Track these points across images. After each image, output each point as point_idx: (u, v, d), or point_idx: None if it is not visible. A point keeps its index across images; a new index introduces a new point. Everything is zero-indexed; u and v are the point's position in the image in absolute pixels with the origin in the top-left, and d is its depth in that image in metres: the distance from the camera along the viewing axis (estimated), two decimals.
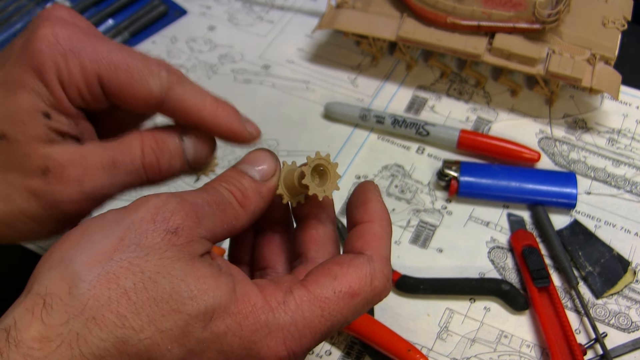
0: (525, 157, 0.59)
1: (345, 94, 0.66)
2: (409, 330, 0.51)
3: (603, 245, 0.55)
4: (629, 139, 0.62)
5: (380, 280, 0.32)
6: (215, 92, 0.68)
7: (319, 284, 0.31)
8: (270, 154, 0.35)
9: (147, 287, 0.28)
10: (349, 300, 0.31)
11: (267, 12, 0.74)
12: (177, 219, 0.29)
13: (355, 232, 0.34)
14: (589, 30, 0.61)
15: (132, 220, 0.29)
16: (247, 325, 0.29)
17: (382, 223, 0.34)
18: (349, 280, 0.31)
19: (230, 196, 0.33)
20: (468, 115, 0.64)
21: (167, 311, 0.28)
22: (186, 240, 0.29)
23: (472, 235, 0.56)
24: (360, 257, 0.32)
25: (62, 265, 0.28)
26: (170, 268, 0.28)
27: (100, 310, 0.27)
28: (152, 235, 0.29)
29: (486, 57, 0.61)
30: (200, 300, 0.28)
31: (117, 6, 0.73)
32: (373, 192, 0.35)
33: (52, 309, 0.27)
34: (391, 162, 0.61)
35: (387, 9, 0.65)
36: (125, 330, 0.27)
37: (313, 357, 0.50)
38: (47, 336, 0.26)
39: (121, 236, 0.29)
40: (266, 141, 0.63)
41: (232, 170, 0.34)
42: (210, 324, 0.28)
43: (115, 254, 0.28)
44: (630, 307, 0.52)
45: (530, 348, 0.51)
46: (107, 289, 0.27)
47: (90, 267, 0.28)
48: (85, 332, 0.27)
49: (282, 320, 0.29)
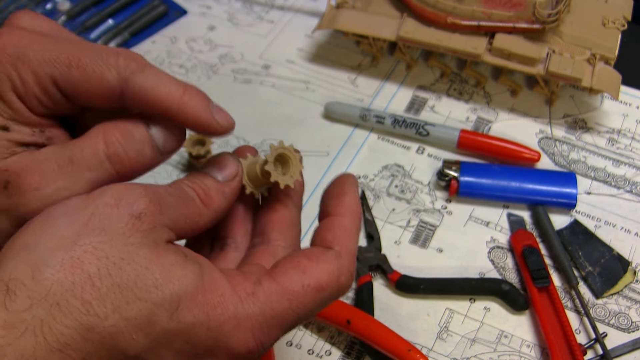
0: (525, 157, 0.59)
1: (345, 94, 0.66)
2: (409, 330, 0.51)
3: (603, 245, 0.55)
4: (629, 139, 0.62)
5: (346, 277, 0.32)
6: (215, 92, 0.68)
7: (287, 276, 0.31)
8: (232, 156, 0.35)
9: (111, 273, 0.27)
10: (316, 294, 0.31)
11: (267, 12, 0.74)
12: (140, 203, 0.29)
13: (326, 224, 0.34)
14: (589, 30, 0.61)
15: (96, 205, 0.29)
16: (215, 316, 0.29)
17: (354, 218, 0.34)
18: (317, 275, 0.31)
19: (194, 193, 0.33)
20: (468, 115, 0.64)
21: (132, 299, 0.27)
22: (149, 226, 0.29)
23: (472, 235, 0.56)
24: (329, 252, 0.32)
25: (26, 251, 0.28)
26: (134, 254, 0.28)
27: (64, 296, 0.27)
28: (116, 220, 0.28)
29: (486, 57, 0.61)
30: (165, 288, 0.28)
31: (117, 6, 0.73)
32: (351, 185, 0.35)
33: (16, 294, 0.26)
34: (391, 162, 0.61)
35: (387, 9, 0.65)
36: (90, 318, 0.27)
37: (313, 357, 0.50)
38: (11, 323, 0.26)
39: (85, 221, 0.28)
40: (266, 141, 0.63)
41: (195, 171, 0.34)
42: (177, 313, 0.28)
43: (79, 238, 0.28)
44: (630, 307, 0.52)
45: (530, 348, 0.51)
46: (71, 274, 0.27)
47: (54, 252, 0.27)
48: (49, 318, 0.26)
49: (250, 312, 0.29)
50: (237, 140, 0.63)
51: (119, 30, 0.71)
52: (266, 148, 0.62)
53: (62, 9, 0.73)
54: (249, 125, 0.64)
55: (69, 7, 0.73)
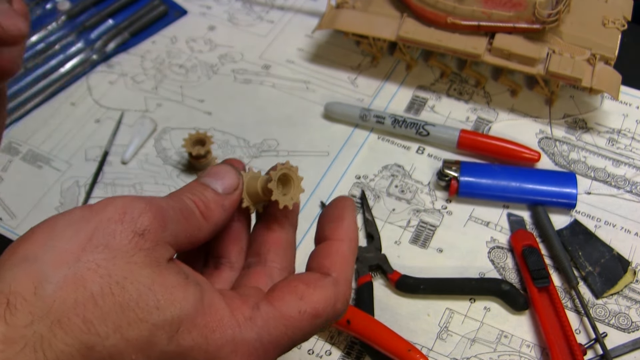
0: (525, 157, 0.59)
1: (345, 94, 0.66)
2: (409, 330, 0.51)
3: (603, 245, 0.55)
4: (629, 139, 0.62)
5: (342, 303, 0.32)
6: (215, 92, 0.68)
7: (285, 301, 0.31)
8: (233, 168, 0.35)
9: (114, 292, 0.27)
10: (312, 320, 0.31)
11: (267, 12, 0.74)
12: (144, 220, 0.29)
13: (323, 249, 0.34)
14: (589, 30, 0.61)
15: (100, 219, 0.28)
16: (214, 340, 0.29)
17: (351, 244, 0.34)
18: (314, 301, 0.31)
19: (194, 206, 0.32)
20: (468, 115, 0.64)
21: (133, 319, 0.27)
22: (152, 245, 0.29)
23: (472, 235, 0.56)
24: (326, 278, 0.32)
25: (27, 263, 0.27)
26: (137, 274, 0.28)
27: (66, 314, 0.26)
28: (119, 237, 0.28)
29: (486, 57, 0.61)
30: (167, 310, 0.28)
31: (117, 6, 0.73)
32: (350, 210, 0.35)
33: (16, 309, 0.26)
34: (391, 162, 0.61)
35: (387, 9, 0.65)
36: (91, 336, 0.26)
37: (313, 357, 0.50)
38: (10, 337, 0.26)
39: (89, 236, 0.28)
40: (266, 141, 0.63)
41: (195, 182, 0.34)
42: (177, 336, 0.28)
43: (83, 254, 0.27)
44: (630, 307, 0.52)
45: (530, 348, 0.51)
46: (73, 292, 0.26)
47: (57, 267, 0.27)
48: (50, 335, 0.26)
49: (248, 336, 0.29)
50: (237, 140, 0.63)
51: (119, 30, 0.71)
52: (266, 148, 0.62)
53: (62, 9, 0.73)
54: (249, 125, 0.64)
55: (69, 7, 0.73)
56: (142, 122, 0.64)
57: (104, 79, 0.68)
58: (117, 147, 0.63)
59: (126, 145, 0.63)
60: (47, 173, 0.61)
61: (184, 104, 0.66)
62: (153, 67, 0.69)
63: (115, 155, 0.62)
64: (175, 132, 0.64)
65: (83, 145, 0.63)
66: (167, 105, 0.66)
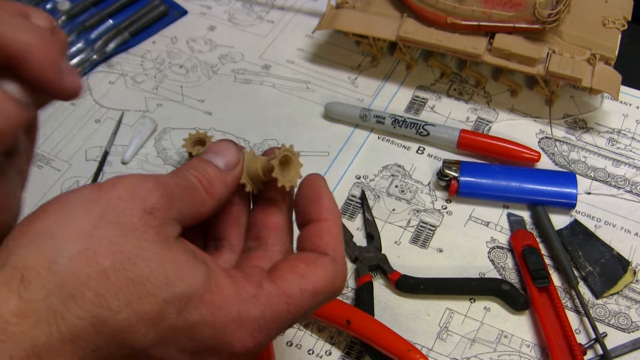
0: (525, 157, 0.59)
1: (345, 94, 0.66)
2: (409, 330, 0.51)
3: (603, 245, 0.55)
4: (629, 139, 0.62)
5: (340, 280, 0.33)
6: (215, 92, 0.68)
7: (286, 280, 0.32)
8: (234, 144, 0.36)
9: (125, 267, 0.28)
10: (312, 298, 0.32)
11: (267, 12, 0.74)
12: (153, 198, 0.29)
13: (314, 230, 0.34)
14: (589, 30, 0.61)
15: (110, 197, 0.29)
16: (220, 316, 0.29)
17: (337, 222, 0.35)
18: (315, 279, 0.32)
19: (198, 182, 0.33)
20: (468, 115, 0.64)
21: (144, 294, 0.28)
22: (161, 222, 0.29)
23: (472, 235, 0.56)
24: (325, 258, 0.33)
25: (41, 239, 0.28)
26: (148, 251, 0.28)
27: (79, 288, 0.27)
28: (130, 214, 0.29)
29: (486, 57, 0.61)
30: (176, 286, 0.28)
31: (117, 6, 0.73)
32: (325, 188, 0.35)
33: (30, 283, 0.26)
34: (391, 162, 0.61)
35: (387, 9, 0.65)
36: (103, 310, 0.27)
37: (313, 357, 0.50)
38: (25, 311, 0.26)
39: (101, 213, 0.28)
40: (266, 141, 0.63)
41: (197, 159, 0.35)
42: (185, 311, 0.29)
43: (95, 231, 0.28)
44: (630, 307, 0.52)
45: (530, 348, 0.51)
46: (86, 267, 0.27)
47: (71, 243, 0.27)
48: (63, 309, 0.26)
49: (252, 313, 0.30)
50: (237, 140, 0.63)
51: (119, 30, 0.71)
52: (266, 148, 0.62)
53: (62, 9, 0.73)
54: (249, 125, 0.64)
55: (69, 7, 0.73)
56: (142, 122, 0.64)
57: (104, 79, 0.68)
58: (117, 147, 0.63)
59: (126, 145, 0.63)
60: (47, 173, 0.61)
61: (184, 104, 0.66)
62: (153, 67, 0.69)
63: (115, 155, 0.62)
64: (175, 132, 0.64)
65: (83, 145, 0.63)
66: (167, 105, 0.66)
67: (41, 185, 0.60)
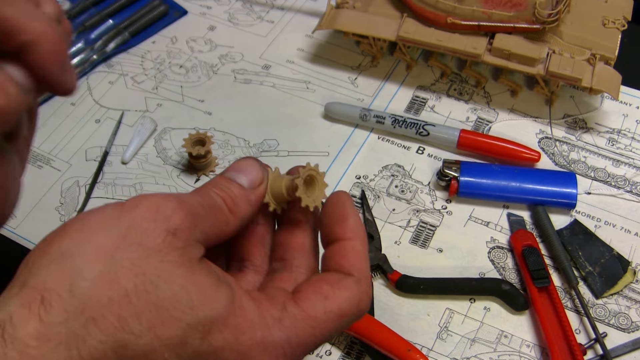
0: (525, 157, 0.59)
1: (345, 94, 0.66)
2: (409, 330, 0.51)
3: (603, 245, 0.55)
4: (629, 139, 0.62)
5: (365, 302, 0.33)
6: (215, 92, 0.68)
7: (311, 302, 0.31)
8: (258, 162, 0.35)
9: (148, 290, 0.27)
10: (338, 320, 0.31)
11: (267, 12, 0.74)
12: (176, 219, 0.29)
13: (338, 250, 0.34)
14: (589, 30, 0.61)
15: (133, 218, 0.28)
16: (244, 341, 0.29)
17: (363, 241, 0.34)
18: (339, 301, 0.31)
19: (222, 202, 0.32)
20: (468, 115, 0.64)
21: (167, 318, 0.27)
22: (184, 244, 0.29)
23: (472, 235, 0.56)
24: (349, 278, 0.32)
25: (62, 259, 0.27)
26: (171, 273, 0.28)
27: (100, 311, 0.26)
28: (153, 235, 0.28)
29: (486, 57, 0.61)
30: (200, 311, 0.28)
31: (117, 6, 0.73)
32: (351, 206, 0.34)
33: (51, 306, 0.26)
34: (391, 162, 0.61)
35: (387, 9, 0.65)
36: (125, 335, 0.26)
37: (313, 357, 0.50)
38: (45, 334, 0.26)
39: (123, 234, 0.28)
40: (266, 141, 0.63)
41: (221, 177, 0.34)
42: (209, 336, 0.28)
43: (117, 252, 0.27)
44: (630, 307, 0.52)
45: (530, 348, 0.51)
46: (108, 289, 0.26)
47: (92, 264, 0.27)
48: (84, 333, 0.26)
49: (277, 337, 0.30)
50: (237, 140, 0.63)
51: (119, 30, 0.71)
52: (266, 148, 0.62)
53: (62, 9, 0.73)
54: (249, 125, 0.64)
55: (69, 7, 0.73)
56: (142, 122, 0.64)
57: (104, 79, 0.68)
58: (117, 147, 0.63)
59: (126, 145, 0.63)
60: (47, 173, 0.61)
61: (184, 104, 0.66)
62: (153, 67, 0.69)
63: (115, 155, 0.62)
64: (175, 132, 0.64)
65: (83, 145, 0.63)
66: (167, 105, 0.66)
67: (41, 185, 0.60)
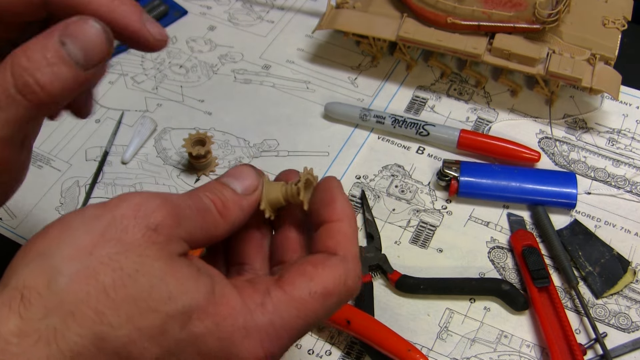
0: (525, 157, 0.59)
1: (345, 94, 0.66)
2: (409, 330, 0.51)
3: (603, 245, 0.55)
4: (629, 139, 0.62)
5: (353, 280, 0.32)
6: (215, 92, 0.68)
7: (295, 284, 0.31)
8: (254, 169, 0.35)
9: (126, 284, 0.27)
10: (324, 300, 0.31)
11: (267, 12, 0.74)
12: (158, 216, 0.29)
13: (325, 231, 0.34)
14: (589, 30, 0.61)
15: (114, 215, 0.29)
16: (225, 327, 0.29)
17: (351, 222, 0.34)
18: (324, 281, 0.31)
19: (211, 204, 0.32)
20: (468, 115, 0.64)
21: (145, 310, 0.27)
22: (165, 239, 0.29)
23: (472, 235, 0.56)
24: (333, 257, 0.32)
25: (41, 259, 0.28)
26: (149, 266, 0.28)
27: (78, 306, 0.27)
28: (132, 231, 0.28)
29: (486, 57, 0.61)
30: (179, 300, 0.28)
31: None
32: (339, 189, 0.35)
33: (30, 303, 0.26)
34: (391, 162, 0.61)
35: (387, 9, 0.65)
36: (103, 327, 0.27)
37: (313, 357, 0.50)
38: (25, 331, 0.26)
39: (102, 231, 0.28)
40: (266, 141, 0.63)
41: (214, 181, 0.34)
42: (189, 324, 0.28)
43: (95, 249, 0.28)
44: (630, 307, 0.52)
45: (530, 348, 0.51)
46: (86, 285, 0.27)
47: (70, 261, 0.27)
48: (63, 327, 0.26)
49: (260, 322, 0.30)
50: (237, 140, 0.63)
51: None
52: (266, 148, 0.62)
53: None
54: (249, 125, 0.64)
55: None
56: (142, 122, 0.64)
57: (104, 79, 0.68)
58: (117, 147, 0.63)
59: (126, 145, 0.63)
60: (47, 173, 0.61)
61: (184, 104, 0.66)
62: (153, 67, 0.69)
63: (115, 155, 0.62)
64: (175, 132, 0.64)
65: (83, 145, 0.63)
66: (167, 105, 0.66)
67: (41, 185, 0.60)
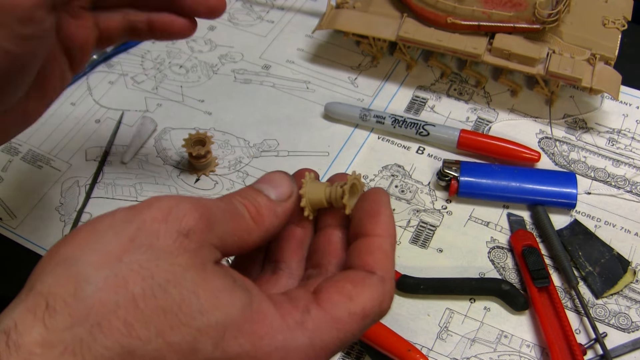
0: (525, 157, 0.59)
1: (345, 94, 0.66)
2: (409, 330, 0.51)
3: (603, 245, 0.55)
4: (629, 139, 0.62)
5: (387, 303, 0.32)
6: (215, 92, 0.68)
7: (334, 303, 0.30)
8: (288, 176, 0.34)
9: (156, 295, 0.26)
10: (361, 321, 0.30)
11: (267, 12, 0.74)
12: (189, 220, 0.28)
13: (365, 245, 0.33)
14: (589, 30, 0.61)
15: (143, 219, 0.28)
16: (262, 347, 0.27)
17: (392, 240, 0.33)
18: (363, 302, 0.30)
19: (244, 209, 0.32)
20: (468, 115, 0.64)
21: (176, 324, 0.26)
22: (197, 245, 0.28)
23: (472, 235, 0.56)
24: (373, 277, 0.31)
25: (67, 264, 0.26)
26: (181, 277, 0.27)
27: (106, 317, 0.25)
28: (163, 237, 0.27)
29: (486, 57, 0.61)
30: (211, 315, 0.27)
31: None
32: (386, 204, 0.34)
33: (56, 311, 0.25)
34: (391, 162, 0.61)
35: (387, 9, 0.65)
36: (132, 340, 0.25)
37: None
38: (50, 341, 0.25)
39: (131, 236, 0.27)
40: (266, 141, 0.63)
41: (248, 187, 0.33)
42: (222, 342, 0.27)
43: (125, 255, 0.26)
44: (630, 307, 0.52)
45: (530, 348, 0.51)
46: (114, 294, 0.26)
47: (98, 268, 0.26)
48: (89, 339, 0.25)
49: (300, 342, 0.28)
50: (237, 140, 0.63)
51: None
52: (266, 148, 0.62)
53: None
54: (249, 125, 0.64)
55: None
56: (142, 122, 0.64)
57: (104, 79, 0.68)
58: (117, 147, 0.63)
59: (126, 145, 0.63)
60: (47, 173, 0.61)
61: (184, 104, 0.66)
62: (153, 67, 0.69)
63: (115, 155, 0.62)
64: (175, 132, 0.64)
65: (83, 145, 0.63)
66: (167, 105, 0.66)
67: (41, 185, 0.60)
